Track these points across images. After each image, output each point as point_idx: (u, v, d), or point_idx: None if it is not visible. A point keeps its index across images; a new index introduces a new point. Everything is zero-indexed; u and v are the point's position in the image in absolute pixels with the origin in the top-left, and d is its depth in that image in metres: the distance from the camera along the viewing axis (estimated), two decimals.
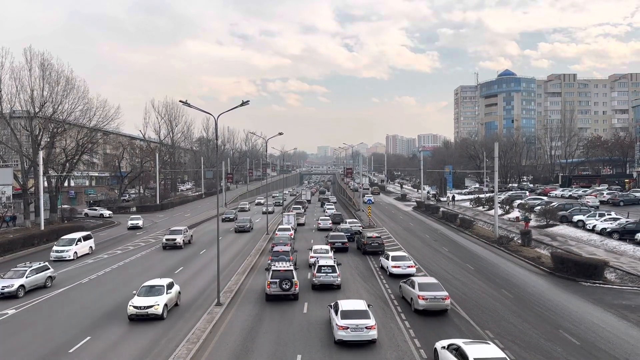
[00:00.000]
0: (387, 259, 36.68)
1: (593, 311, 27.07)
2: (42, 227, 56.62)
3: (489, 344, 18.93)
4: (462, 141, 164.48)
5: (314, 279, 31.74)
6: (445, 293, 26.38)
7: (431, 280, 28.44)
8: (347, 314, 21.65)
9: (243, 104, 30.72)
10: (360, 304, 23.01)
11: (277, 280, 28.67)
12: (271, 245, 45.00)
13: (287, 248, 39.19)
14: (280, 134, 69.81)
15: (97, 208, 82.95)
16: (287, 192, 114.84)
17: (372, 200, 77.03)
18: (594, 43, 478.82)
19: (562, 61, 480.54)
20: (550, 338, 22.74)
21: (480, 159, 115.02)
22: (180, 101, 29.69)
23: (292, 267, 29.94)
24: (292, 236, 53.39)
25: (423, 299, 25.75)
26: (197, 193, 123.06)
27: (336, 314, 22.09)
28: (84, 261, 42.70)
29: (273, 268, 29.48)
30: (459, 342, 18.62)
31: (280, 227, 56.81)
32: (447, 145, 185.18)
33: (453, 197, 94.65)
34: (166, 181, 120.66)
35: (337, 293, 30.49)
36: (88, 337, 22.54)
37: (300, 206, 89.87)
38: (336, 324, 21.47)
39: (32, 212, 66.21)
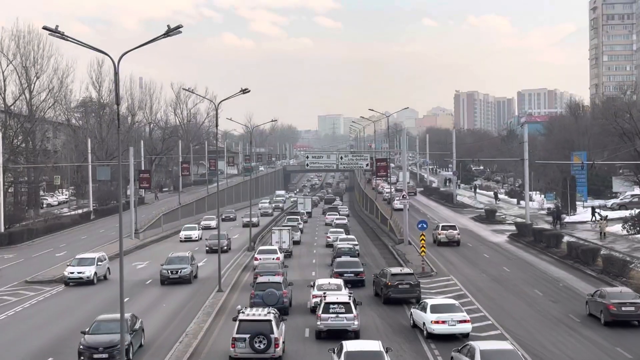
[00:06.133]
0: (424, 310, 23.37)
1: None
2: None
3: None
4: (606, 103, 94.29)
5: (318, 323, 22.52)
6: None
7: (503, 345, 18.80)
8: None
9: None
10: (372, 345, 17.69)
11: (247, 337, 19.28)
12: (253, 276, 33.41)
13: (279, 278, 28.52)
14: (245, 91, 35.73)
15: None
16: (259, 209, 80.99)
17: (425, 223, 42.85)
18: None
19: None
20: None
21: None
22: (45, 28, 16.47)
23: (270, 316, 20.35)
24: (281, 261, 38.89)
25: None
26: (80, 210, 73.19)
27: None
28: None
29: (241, 317, 20.28)
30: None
31: (261, 248, 43.00)
32: (575, 111, 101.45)
33: (593, 210, 56.67)
34: (18, 187, 70.66)
35: None
36: None
37: (299, 218, 69.20)
38: None
39: None
